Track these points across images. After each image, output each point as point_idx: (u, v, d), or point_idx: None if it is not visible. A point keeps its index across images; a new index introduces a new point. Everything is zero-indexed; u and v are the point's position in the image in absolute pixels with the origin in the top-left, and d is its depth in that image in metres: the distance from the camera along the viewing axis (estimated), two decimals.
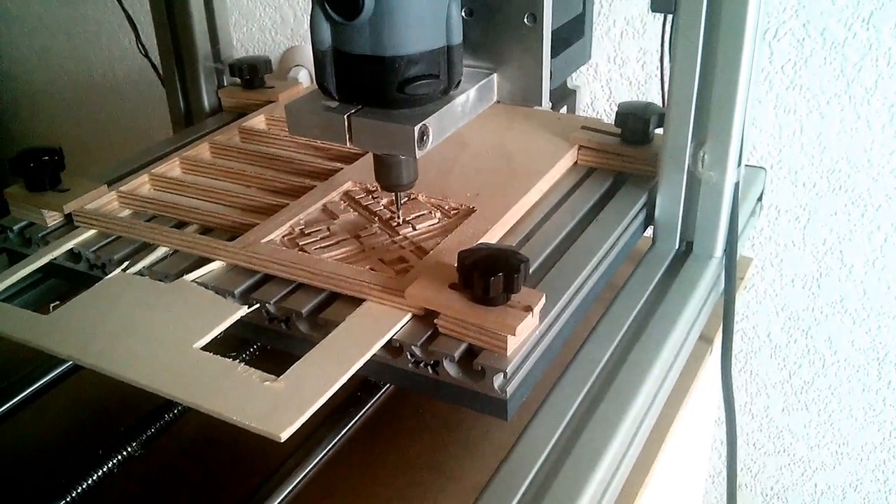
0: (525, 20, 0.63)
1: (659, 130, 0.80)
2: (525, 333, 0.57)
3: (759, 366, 1.33)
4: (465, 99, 0.64)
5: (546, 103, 0.67)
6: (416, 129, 0.58)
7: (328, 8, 0.56)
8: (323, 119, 0.60)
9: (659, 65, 0.87)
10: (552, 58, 0.66)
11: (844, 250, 1.18)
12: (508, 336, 0.55)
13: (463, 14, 0.64)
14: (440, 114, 0.61)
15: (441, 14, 0.58)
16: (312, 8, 0.57)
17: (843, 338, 1.24)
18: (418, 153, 0.59)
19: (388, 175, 0.66)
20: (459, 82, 0.63)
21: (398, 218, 0.72)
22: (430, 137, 0.60)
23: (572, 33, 0.72)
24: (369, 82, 0.58)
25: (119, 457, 0.64)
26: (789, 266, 1.23)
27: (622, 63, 1.23)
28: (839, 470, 1.37)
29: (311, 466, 0.62)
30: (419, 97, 0.59)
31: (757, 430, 1.39)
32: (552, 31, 0.65)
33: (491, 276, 0.55)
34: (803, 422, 1.35)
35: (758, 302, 1.28)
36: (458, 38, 0.60)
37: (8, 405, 0.70)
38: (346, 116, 0.59)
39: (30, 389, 0.71)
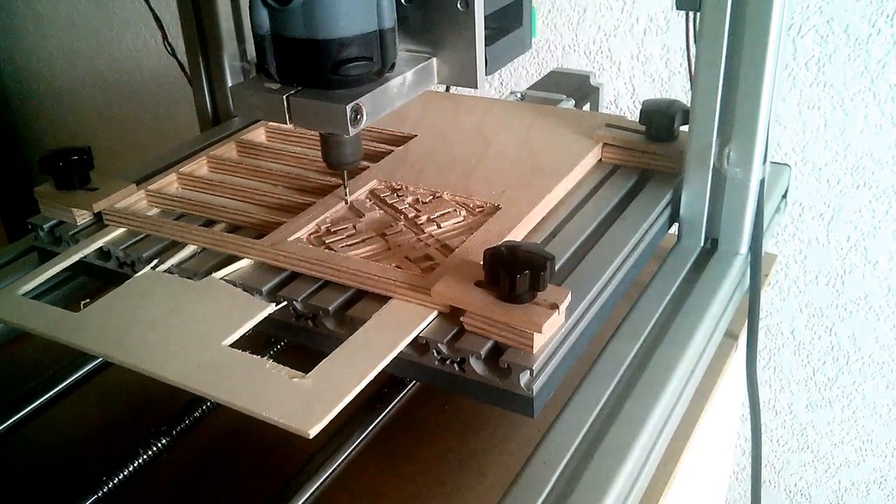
0: (458, 5, 0.65)
1: (684, 128, 0.80)
2: (551, 331, 0.57)
3: (783, 362, 1.33)
4: (402, 81, 0.67)
5: (482, 86, 0.69)
6: (349, 108, 0.61)
7: None
8: (264, 100, 0.64)
9: (685, 62, 0.87)
10: (488, 45, 0.68)
11: (869, 247, 1.18)
12: (535, 333, 0.56)
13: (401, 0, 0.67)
14: (374, 94, 0.64)
15: None
16: None
17: (868, 334, 1.24)
18: (352, 131, 0.62)
19: (332, 153, 0.69)
20: (394, 65, 0.66)
21: (346, 195, 0.75)
22: (364, 116, 0.63)
23: (510, 22, 0.74)
24: (305, 64, 0.62)
25: (148, 453, 0.65)
26: (813, 263, 1.23)
27: (645, 60, 1.23)
28: (863, 467, 1.36)
29: (338, 462, 0.62)
30: (354, 78, 0.62)
31: (780, 427, 1.39)
32: (488, 19, 0.67)
33: (517, 273, 0.56)
34: (827, 418, 1.34)
35: (782, 299, 1.28)
36: (389, 22, 0.62)
37: (39, 401, 0.70)
38: (285, 97, 0.63)
39: (60, 386, 0.72)
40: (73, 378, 0.73)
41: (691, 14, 0.81)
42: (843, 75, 1.10)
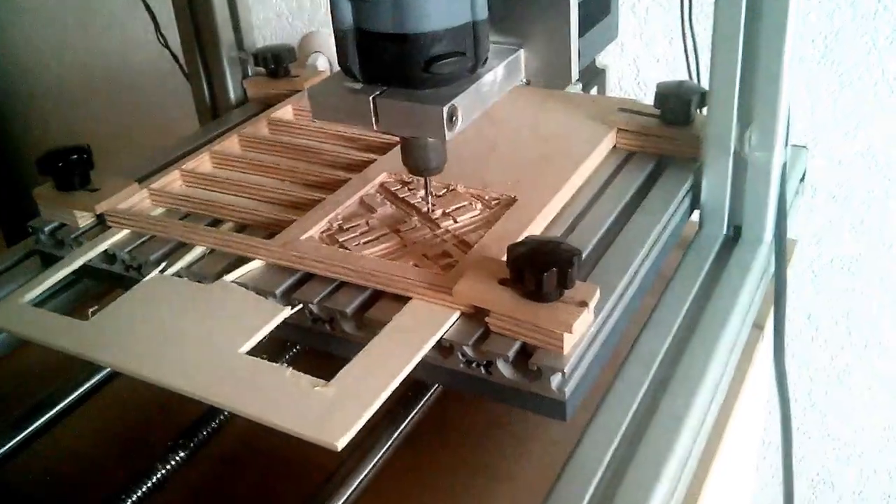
0: None
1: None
2: (581, 330, 0.55)
3: (801, 349, 1.31)
4: (494, 77, 0.62)
5: (575, 79, 0.65)
6: (445, 109, 0.56)
7: None
8: (347, 102, 0.59)
9: (684, 42, 0.85)
10: (580, 36, 0.64)
11: (883, 228, 1.16)
12: (565, 333, 0.53)
13: None
14: (468, 93, 0.59)
15: None
16: None
17: (885, 318, 1.22)
18: (448, 135, 0.57)
19: (417, 158, 0.63)
20: (486, 59, 0.61)
21: (429, 204, 0.70)
22: (460, 118, 0.58)
23: (598, 10, 0.70)
24: (394, 62, 0.57)
25: (163, 469, 0.62)
26: (827, 246, 1.21)
27: (649, 40, 1.21)
28: (885, 453, 1.34)
29: (364, 473, 0.59)
30: (446, 76, 0.57)
31: (800, 415, 1.37)
32: (579, 9, 0.63)
33: (544, 271, 0.53)
34: (847, 405, 1.33)
35: (797, 283, 1.26)
36: (483, 13, 0.58)
37: (47, 416, 0.67)
38: (371, 98, 0.58)
39: (69, 398, 0.68)
40: (81, 390, 0.69)
41: None
42: (850, 53, 1.08)
